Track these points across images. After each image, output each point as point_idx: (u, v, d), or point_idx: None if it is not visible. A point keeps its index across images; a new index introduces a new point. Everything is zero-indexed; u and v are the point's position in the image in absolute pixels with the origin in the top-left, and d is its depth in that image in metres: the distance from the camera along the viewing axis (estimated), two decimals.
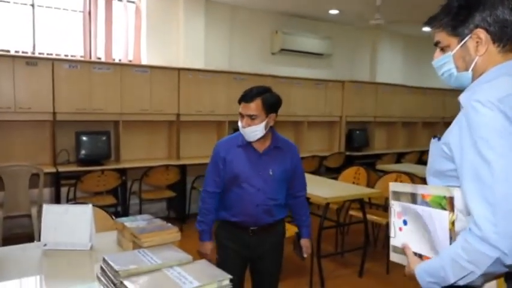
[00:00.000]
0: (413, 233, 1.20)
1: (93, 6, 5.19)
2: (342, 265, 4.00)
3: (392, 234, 1.26)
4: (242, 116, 2.05)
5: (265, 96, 2.02)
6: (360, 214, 3.91)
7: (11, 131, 4.58)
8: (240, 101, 2.06)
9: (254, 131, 2.03)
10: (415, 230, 1.20)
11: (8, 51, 4.70)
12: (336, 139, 7.11)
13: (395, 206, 1.25)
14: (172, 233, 1.89)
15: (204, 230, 2.22)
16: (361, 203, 3.73)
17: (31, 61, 4.43)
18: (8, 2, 4.76)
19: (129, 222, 2.00)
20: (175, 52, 5.77)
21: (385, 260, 3.86)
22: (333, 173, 6.18)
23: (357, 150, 7.03)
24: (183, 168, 5.19)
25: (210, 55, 5.95)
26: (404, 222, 1.22)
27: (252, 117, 2.01)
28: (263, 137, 2.08)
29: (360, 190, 3.77)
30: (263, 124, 2.02)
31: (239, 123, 2.07)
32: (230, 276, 1.56)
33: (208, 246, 2.23)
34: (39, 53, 4.89)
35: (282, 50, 6.67)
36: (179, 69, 5.37)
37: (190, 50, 5.75)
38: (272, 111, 2.06)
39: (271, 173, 2.09)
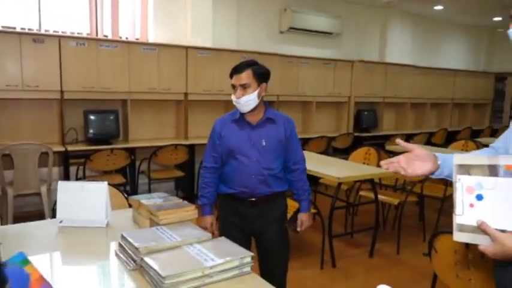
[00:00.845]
0: (493, 208, 1.11)
1: None
2: (352, 245, 3.99)
3: (459, 211, 1.16)
4: (235, 87, 2.11)
5: (254, 67, 2.10)
6: (370, 194, 3.88)
7: (19, 109, 4.55)
8: (231, 75, 2.13)
9: (247, 100, 2.08)
10: (495, 204, 1.11)
11: (14, 28, 4.62)
12: (344, 120, 7.04)
13: (464, 180, 1.15)
14: (189, 210, 1.87)
15: (204, 203, 2.27)
16: (373, 183, 3.69)
17: (38, 38, 4.36)
18: None
19: (145, 199, 1.98)
20: (183, 30, 5.67)
21: (395, 240, 3.86)
22: (341, 153, 6.14)
23: (365, 131, 6.96)
24: (191, 148, 5.16)
25: (218, 33, 5.84)
26: (479, 197, 1.13)
27: (244, 87, 2.07)
28: (256, 110, 2.13)
29: (373, 170, 3.73)
30: (256, 93, 2.08)
31: (232, 97, 2.13)
32: (252, 253, 1.54)
33: (208, 220, 2.26)
34: (45, 30, 4.81)
35: (291, 28, 6.54)
36: (187, 48, 5.29)
37: (197, 28, 5.64)
38: (263, 81, 2.12)
39: (264, 143, 2.14)
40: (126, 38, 5.32)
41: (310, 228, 3.90)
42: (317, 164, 3.81)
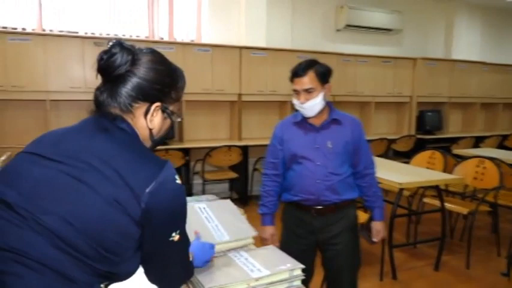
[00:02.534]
0: None
1: None
2: (415, 256, 3.69)
3: None
4: (297, 92, 1.96)
5: (316, 68, 1.94)
6: (435, 202, 3.57)
7: (81, 110, 4.74)
8: (291, 78, 1.98)
9: (313, 105, 1.94)
10: None
11: (77, 32, 4.83)
12: (405, 121, 6.64)
13: None
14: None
15: (265, 213, 2.14)
16: (439, 190, 3.38)
17: (99, 42, 4.52)
18: None
19: (194, 202, 1.91)
20: (237, 31, 5.63)
21: (465, 254, 3.51)
22: (402, 157, 5.79)
23: (428, 133, 6.52)
24: (245, 149, 5.10)
25: (272, 33, 5.73)
26: None
27: (309, 91, 1.92)
28: (320, 112, 1.99)
29: (438, 176, 3.42)
30: (321, 96, 1.95)
31: (294, 101, 1.99)
32: (302, 266, 1.40)
33: (269, 231, 2.12)
34: (106, 34, 4.98)
35: (348, 26, 6.28)
36: (240, 48, 5.24)
37: (251, 28, 5.57)
38: (326, 81, 1.97)
39: (330, 145, 1.98)
40: (182, 40, 5.38)
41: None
42: (377, 167, 3.56)
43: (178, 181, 0.94)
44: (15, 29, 4.52)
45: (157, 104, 1.00)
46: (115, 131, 0.94)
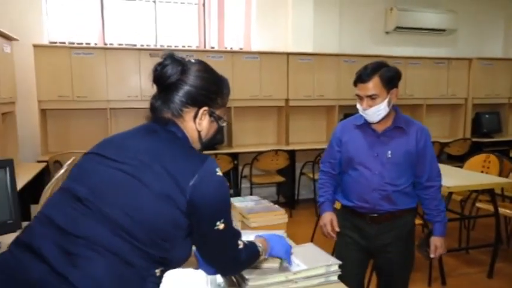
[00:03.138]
0: None
1: None
2: (467, 263, 3.57)
3: None
4: (361, 98, 1.89)
5: (382, 72, 1.84)
6: (488, 207, 3.45)
7: (139, 118, 5.04)
8: (355, 83, 1.90)
9: (377, 111, 1.86)
10: None
11: (135, 45, 5.18)
12: (460, 124, 6.40)
13: None
14: (279, 214, 1.87)
15: (322, 202, 2.09)
16: (492, 194, 3.26)
17: (154, 53, 4.82)
18: (134, 0, 5.22)
19: (238, 202, 2.03)
20: (284, 37, 5.73)
21: None
22: (457, 161, 5.58)
23: (485, 136, 6.22)
24: (292, 154, 5.18)
25: (319, 38, 5.77)
26: None
27: (372, 97, 1.84)
28: (384, 117, 1.89)
29: (491, 179, 3.30)
30: (385, 102, 1.84)
31: (358, 106, 1.92)
32: (339, 262, 1.47)
33: (327, 217, 2.03)
34: (161, 45, 5.29)
35: (397, 28, 6.17)
36: (288, 54, 5.34)
37: (298, 34, 5.64)
38: (393, 86, 1.87)
39: (389, 155, 1.90)
40: (231, 48, 5.58)
41: (417, 241, 3.60)
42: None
43: (219, 173, 1.04)
44: (80, 43, 4.93)
45: (205, 108, 1.14)
46: (164, 133, 1.08)
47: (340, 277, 1.47)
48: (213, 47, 5.51)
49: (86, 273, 0.88)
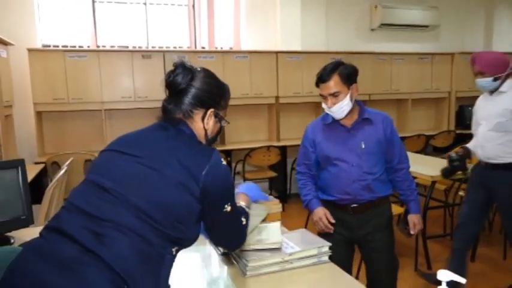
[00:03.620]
0: None
1: None
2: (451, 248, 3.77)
3: None
4: (324, 97, 1.99)
5: (340, 70, 1.95)
6: None
7: (132, 118, 5.16)
8: (317, 84, 2.01)
9: (341, 108, 1.97)
10: None
11: (127, 47, 5.28)
12: (444, 116, 6.63)
13: None
14: (274, 204, 2.01)
15: (309, 199, 2.15)
16: None
17: (146, 54, 4.94)
18: (125, 3, 5.32)
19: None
20: (273, 36, 5.88)
21: (502, 245, 3.56)
22: (442, 153, 5.78)
23: (469, 128, 6.35)
24: (283, 150, 5.34)
25: (307, 37, 5.93)
26: None
27: (335, 95, 1.95)
28: (350, 112, 2.01)
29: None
30: (348, 98, 1.96)
31: (323, 106, 2.02)
32: (329, 244, 1.63)
33: (320, 212, 2.09)
34: (152, 47, 5.40)
35: (382, 25, 6.36)
36: (277, 53, 5.50)
37: (286, 33, 5.80)
38: (352, 82, 1.98)
39: (363, 146, 2.02)
40: (221, 48, 5.71)
41: None
42: (411, 162, 3.68)
43: (224, 163, 1.23)
44: (74, 46, 5.03)
45: (212, 110, 1.31)
46: (175, 131, 1.25)
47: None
48: (203, 47, 5.63)
49: (113, 250, 1.02)
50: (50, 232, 1.09)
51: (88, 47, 5.05)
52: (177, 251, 1.16)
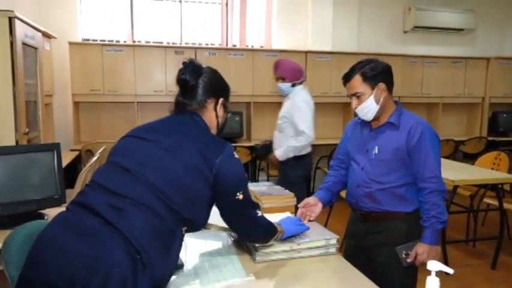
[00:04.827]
0: None
1: None
2: (473, 255, 3.73)
3: None
4: (350, 97, 1.89)
5: (364, 69, 1.80)
6: (495, 202, 3.58)
7: (162, 112, 5.33)
8: (343, 84, 1.90)
9: (365, 109, 1.83)
10: None
11: (161, 42, 5.48)
12: (476, 122, 6.47)
13: None
14: (288, 197, 2.10)
15: (319, 189, 2.08)
16: (497, 189, 3.41)
17: (179, 50, 5.12)
18: (161, 0, 5.52)
19: (253, 186, 2.28)
20: (303, 36, 5.93)
21: None
22: (472, 159, 5.67)
23: (502, 135, 6.28)
24: None
25: (338, 37, 5.94)
26: None
27: (357, 95, 1.83)
28: (382, 113, 1.85)
29: (495, 175, 3.45)
30: (371, 98, 1.80)
31: (352, 105, 1.91)
32: (337, 236, 1.69)
33: (310, 200, 1.97)
34: (185, 43, 5.57)
35: (416, 27, 6.27)
36: (306, 52, 5.55)
37: (317, 33, 5.84)
38: (377, 81, 1.80)
39: (376, 151, 1.86)
40: (252, 46, 5.81)
41: None
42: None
43: (236, 156, 1.35)
44: (111, 41, 5.27)
45: (222, 99, 1.45)
46: (191, 121, 1.38)
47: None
48: (234, 45, 5.75)
49: (130, 224, 1.14)
50: (75, 206, 1.23)
51: (124, 42, 5.28)
52: (186, 231, 1.28)
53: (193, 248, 1.77)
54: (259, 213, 1.43)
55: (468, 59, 6.28)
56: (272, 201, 2.07)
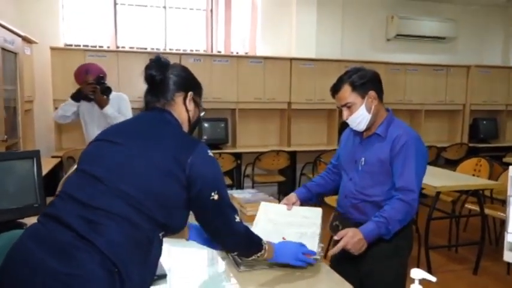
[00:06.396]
0: None
1: (214, 4, 5.68)
2: (455, 260, 3.78)
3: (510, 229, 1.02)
4: (340, 109, 1.83)
5: (352, 78, 1.75)
6: (476, 208, 3.64)
7: None
8: (332, 95, 1.84)
9: (356, 119, 1.77)
10: None
11: (145, 48, 5.44)
12: (457, 129, 6.59)
13: None
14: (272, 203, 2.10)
15: (300, 187, 2.07)
16: (478, 195, 3.47)
17: (163, 56, 5.06)
18: (146, 6, 5.49)
19: (237, 193, 2.27)
20: (288, 43, 5.97)
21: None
22: (453, 165, 5.76)
23: (482, 142, 6.41)
24: (293, 155, 5.40)
25: (322, 44, 6.00)
26: None
27: (347, 106, 1.76)
28: (374, 122, 1.79)
29: (476, 181, 3.51)
30: (363, 108, 1.74)
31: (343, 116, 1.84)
32: (321, 245, 1.69)
33: (291, 197, 1.98)
34: (170, 49, 5.54)
35: (398, 35, 6.38)
36: (291, 59, 5.58)
37: (301, 40, 5.88)
38: (367, 89, 1.75)
39: (363, 162, 1.82)
40: (237, 53, 5.82)
41: None
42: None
43: (211, 154, 1.28)
44: (94, 46, 5.20)
45: (191, 93, 1.39)
46: (161, 120, 1.32)
47: None
48: (219, 52, 5.75)
49: (105, 237, 1.09)
50: (46, 218, 1.16)
51: (108, 47, 5.22)
52: (163, 236, 1.23)
53: (176, 256, 1.74)
54: (237, 218, 1.35)
55: (449, 67, 6.40)
56: (257, 208, 2.05)
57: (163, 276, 1.46)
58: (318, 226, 1.76)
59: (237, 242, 1.40)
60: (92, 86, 3.14)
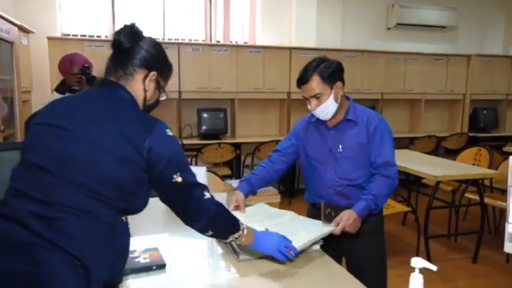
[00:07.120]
0: None
1: None
2: (454, 249, 3.79)
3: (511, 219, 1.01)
4: (307, 99, 1.83)
5: (321, 69, 1.78)
6: (476, 197, 3.64)
7: None
8: (298, 86, 1.86)
9: (325, 110, 1.81)
10: None
11: None
12: (457, 119, 6.57)
13: None
14: (273, 194, 2.10)
15: (243, 181, 2.02)
16: (478, 185, 3.46)
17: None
18: None
19: (236, 183, 2.25)
20: (288, 32, 5.91)
21: None
22: (453, 155, 5.75)
23: (482, 131, 6.39)
24: None
25: (322, 34, 5.94)
26: None
27: (317, 97, 1.79)
28: (338, 111, 1.84)
29: (477, 170, 3.51)
30: (331, 98, 1.79)
31: (309, 107, 1.85)
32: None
33: (238, 194, 1.93)
34: (168, 39, 5.49)
35: (399, 24, 6.32)
36: (290, 49, 5.54)
37: (301, 29, 5.83)
38: (335, 80, 1.80)
39: (340, 149, 1.86)
40: (236, 42, 5.77)
41: (407, 227, 3.86)
42: (417, 163, 3.72)
43: (170, 133, 1.20)
44: (92, 36, 5.15)
45: (154, 72, 1.28)
46: (115, 97, 1.22)
47: None
48: (218, 41, 5.70)
49: (62, 232, 1.04)
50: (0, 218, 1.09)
51: (106, 37, 5.17)
52: (127, 218, 1.20)
53: (175, 246, 1.74)
54: (207, 195, 1.26)
55: (450, 56, 6.36)
56: (255, 200, 2.05)
57: (162, 266, 1.46)
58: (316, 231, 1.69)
59: (209, 220, 1.28)
60: (76, 76, 3.02)
